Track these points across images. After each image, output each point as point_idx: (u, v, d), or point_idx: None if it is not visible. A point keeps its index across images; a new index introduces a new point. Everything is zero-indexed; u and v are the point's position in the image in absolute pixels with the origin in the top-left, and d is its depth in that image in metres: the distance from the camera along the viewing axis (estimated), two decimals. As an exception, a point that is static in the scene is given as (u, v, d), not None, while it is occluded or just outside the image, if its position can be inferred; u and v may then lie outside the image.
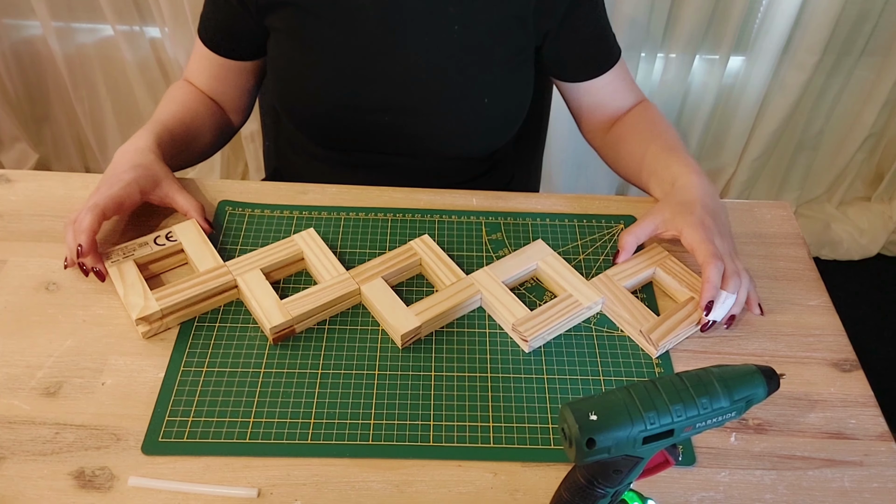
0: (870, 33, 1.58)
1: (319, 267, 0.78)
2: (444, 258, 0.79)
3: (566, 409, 0.46)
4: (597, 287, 0.77)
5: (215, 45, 0.93)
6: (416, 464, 0.64)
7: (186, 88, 0.95)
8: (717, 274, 0.73)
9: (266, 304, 0.73)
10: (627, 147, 0.93)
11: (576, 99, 0.98)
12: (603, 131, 0.98)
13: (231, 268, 0.76)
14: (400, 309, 0.74)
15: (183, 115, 0.90)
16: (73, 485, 0.61)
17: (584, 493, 0.51)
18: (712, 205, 0.79)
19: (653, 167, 0.86)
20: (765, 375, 0.49)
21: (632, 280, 0.79)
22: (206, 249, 0.78)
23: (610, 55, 0.94)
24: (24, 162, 1.89)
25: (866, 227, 1.91)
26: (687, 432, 0.47)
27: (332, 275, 0.77)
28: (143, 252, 0.77)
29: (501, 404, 0.69)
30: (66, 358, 0.71)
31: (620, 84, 0.95)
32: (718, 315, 0.74)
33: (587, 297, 0.76)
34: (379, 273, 0.77)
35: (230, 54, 0.94)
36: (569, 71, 0.95)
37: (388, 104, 0.91)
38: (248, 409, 0.68)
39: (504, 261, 0.80)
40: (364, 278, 0.76)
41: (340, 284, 0.75)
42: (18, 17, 1.68)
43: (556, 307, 0.75)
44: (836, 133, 1.80)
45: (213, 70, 0.95)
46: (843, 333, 0.77)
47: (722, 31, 1.57)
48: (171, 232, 0.80)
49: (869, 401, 0.71)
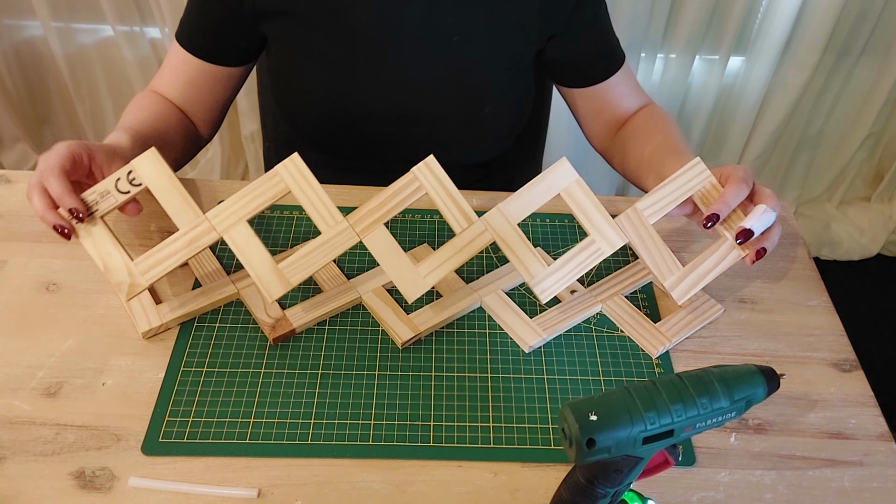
0: (870, 33, 1.58)
1: (311, 208, 0.70)
2: (453, 191, 0.71)
3: (566, 409, 0.46)
4: (623, 226, 0.71)
5: (196, 47, 0.89)
6: (416, 464, 0.65)
7: (154, 98, 0.91)
8: (735, 194, 0.69)
9: (262, 270, 0.68)
10: (634, 151, 0.92)
11: (580, 104, 0.97)
12: (609, 136, 0.98)
13: (213, 220, 0.69)
14: (408, 269, 0.68)
15: (154, 121, 0.87)
16: (74, 485, 0.62)
17: (585, 493, 0.51)
18: None
19: (657, 170, 0.86)
20: (765, 375, 0.49)
21: (664, 212, 0.71)
22: (178, 196, 0.69)
23: (613, 59, 0.93)
24: (25, 162, 1.89)
25: (866, 227, 1.91)
26: (687, 432, 0.47)
27: (329, 222, 0.70)
28: (108, 204, 0.69)
29: (502, 404, 0.69)
30: (67, 358, 0.71)
31: (625, 88, 0.95)
32: (755, 225, 0.69)
33: (611, 242, 0.70)
34: (380, 218, 0.70)
35: (211, 58, 0.91)
36: (573, 76, 0.94)
37: (388, 114, 0.91)
38: (248, 410, 0.68)
39: (521, 193, 0.71)
40: (365, 226, 0.70)
41: (339, 237, 0.69)
42: (19, 18, 1.68)
43: (576, 258, 0.70)
44: (836, 133, 1.80)
45: (190, 75, 0.91)
46: (842, 333, 0.77)
47: (722, 31, 1.57)
48: (132, 172, 0.69)
49: (869, 401, 0.71)
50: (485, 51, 0.88)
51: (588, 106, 0.97)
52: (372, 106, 0.90)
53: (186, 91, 0.93)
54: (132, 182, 0.69)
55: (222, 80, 0.94)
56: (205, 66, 0.91)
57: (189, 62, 0.91)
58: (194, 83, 0.92)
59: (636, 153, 0.91)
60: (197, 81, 0.92)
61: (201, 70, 0.91)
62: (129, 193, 0.69)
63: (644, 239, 0.71)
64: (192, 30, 0.90)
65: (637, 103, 0.96)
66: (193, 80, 0.92)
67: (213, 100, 0.95)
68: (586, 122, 0.99)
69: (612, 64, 0.93)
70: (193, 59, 0.90)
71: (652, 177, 0.84)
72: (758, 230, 0.70)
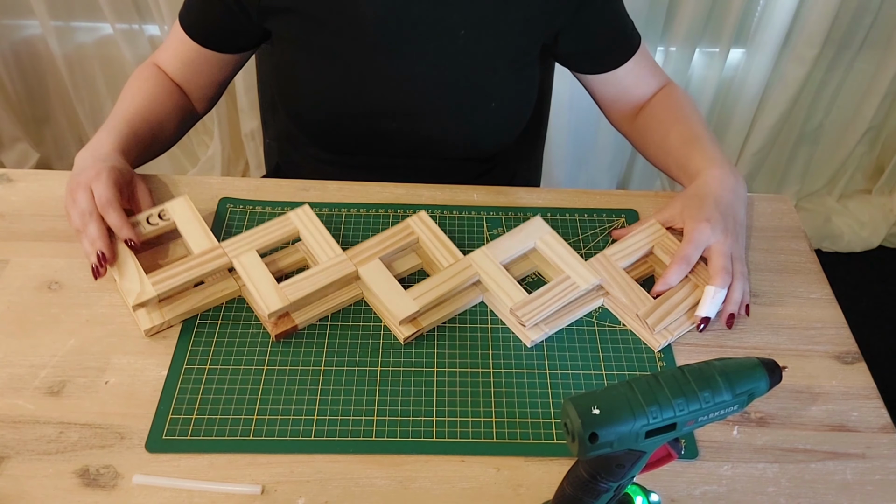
0: (869, 26, 1.58)
1: (315, 246, 0.77)
2: (442, 237, 0.79)
3: (569, 403, 0.46)
4: (594, 268, 0.77)
5: (196, 33, 0.90)
6: (419, 459, 0.65)
7: (154, 79, 0.92)
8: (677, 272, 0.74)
9: (263, 287, 0.72)
10: (653, 137, 0.92)
11: (599, 90, 0.97)
12: (630, 119, 0.97)
13: (226, 248, 0.76)
14: (398, 293, 0.73)
15: (147, 112, 0.88)
16: (78, 483, 0.62)
17: (587, 488, 0.51)
18: (729, 198, 0.79)
19: (679, 162, 0.86)
20: (767, 368, 0.49)
21: (629, 259, 0.78)
22: (200, 228, 0.77)
23: (629, 43, 0.92)
24: (25, 162, 1.89)
25: (867, 220, 1.91)
26: (689, 426, 0.47)
27: (329, 255, 0.76)
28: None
29: (504, 399, 0.69)
30: (70, 357, 0.71)
31: (643, 71, 0.94)
32: (711, 311, 0.73)
33: (584, 278, 0.75)
34: (376, 254, 0.76)
35: (211, 45, 0.91)
36: (589, 64, 0.94)
37: (393, 110, 0.90)
38: (251, 407, 0.68)
39: (501, 240, 0.79)
40: (361, 259, 0.76)
41: (338, 266, 0.75)
42: (17, 17, 1.68)
43: (553, 290, 0.75)
44: (837, 126, 1.80)
45: (189, 56, 0.93)
46: (844, 326, 0.77)
47: (722, 24, 1.57)
48: (164, 210, 0.79)
49: (871, 393, 0.71)
50: (491, 46, 0.87)
51: (606, 91, 0.96)
52: (377, 101, 0.90)
53: (184, 69, 0.94)
54: (162, 217, 0.78)
55: (220, 64, 0.95)
56: (203, 49, 0.92)
57: (187, 43, 0.92)
58: (192, 63, 0.93)
59: (655, 140, 0.92)
60: (194, 63, 0.93)
61: (199, 53, 0.92)
62: (158, 226, 0.78)
63: (615, 277, 0.77)
64: (193, 15, 0.90)
65: (655, 85, 0.96)
66: (191, 61, 0.93)
67: (209, 81, 0.96)
68: (605, 106, 0.99)
69: (627, 50, 0.92)
70: (192, 42, 0.91)
71: (674, 167, 0.88)
72: (713, 313, 0.74)
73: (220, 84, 0.99)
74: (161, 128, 0.90)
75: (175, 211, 0.79)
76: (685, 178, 0.85)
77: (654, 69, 0.96)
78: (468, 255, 0.77)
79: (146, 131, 0.87)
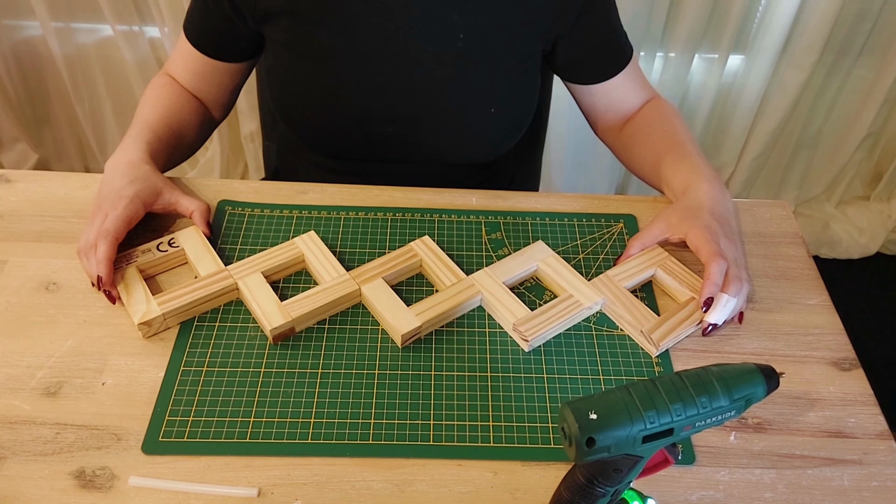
0: (868, 33, 1.58)
1: (320, 269, 0.78)
2: (445, 259, 0.79)
3: (566, 408, 0.46)
4: (597, 287, 0.77)
5: (201, 45, 0.92)
6: (416, 463, 0.65)
7: (170, 88, 0.94)
8: (719, 272, 0.73)
9: (266, 306, 0.73)
10: (640, 149, 0.92)
11: (588, 101, 0.97)
12: (616, 131, 0.98)
13: (232, 272, 0.77)
14: (400, 309, 0.74)
15: (169, 118, 0.89)
16: (74, 485, 0.62)
17: (585, 492, 0.51)
18: (721, 210, 0.79)
19: (665, 175, 0.86)
20: (764, 374, 0.49)
21: (632, 280, 0.79)
22: (209, 255, 0.79)
23: (622, 56, 0.93)
24: (24, 162, 1.89)
25: (865, 227, 1.91)
26: (686, 431, 0.47)
27: (333, 276, 0.77)
28: (145, 259, 0.78)
29: (501, 403, 0.69)
30: (67, 358, 0.71)
31: (632, 83, 0.95)
32: (719, 318, 0.74)
33: (587, 297, 0.76)
34: (379, 274, 0.77)
35: (216, 55, 0.93)
36: (582, 74, 0.94)
37: (392, 114, 0.90)
38: (248, 409, 0.68)
39: (504, 262, 0.80)
40: (364, 279, 0.76)
41: (341, 285, 0.76)
42: (18, 18, 1.68)
43: (556, 307, 0.75)
44: (835, 132, 1.80)
45: (197, 67, 0.94)
46: (842, 332, 0.77)
47: (721, 31, 1.58)
48: (174, 238, 0.80)
49: (868, 399, 0.71)
50: (491, 50, 0.87)
51: (595, 102, 0.97)
52: (374, 106, 0.90)
53: (195, 79, 0.95)
54: (171, 244, 0.80)
55: (228, 72, 0.96)
56: (209, 60, 0.93)
57: (194, 54, 0.93)
58: (201, 74, 0.95)
59: (641, 152, 0.92)
60: (204, 72, 0.95)
61: (206, 63, 0.93)
62: (167, 252, 0.79)
63: (618, 296, 0.77)
64: (195, 26, 0.91)
65: (642, 98, 0.96)
66: (200, 71, 0.95)
67: (221, 89, 0.98)
68: (592, 116, 1.00)
69: (619, 61, 0.93)
70: (198, 53, 0.92)
71: (659, 180, 0.88)
72: (721, 321, 0.74)
73: (233, 90, 1.00)
74: (183, 133, 0.92)
75: (185, 240, 0.80)
76: (669, 191, 0.86)
77: (644, 83, 0.97)
78: (471, 276, 0.78)
79: (170, 137, 0.88)
